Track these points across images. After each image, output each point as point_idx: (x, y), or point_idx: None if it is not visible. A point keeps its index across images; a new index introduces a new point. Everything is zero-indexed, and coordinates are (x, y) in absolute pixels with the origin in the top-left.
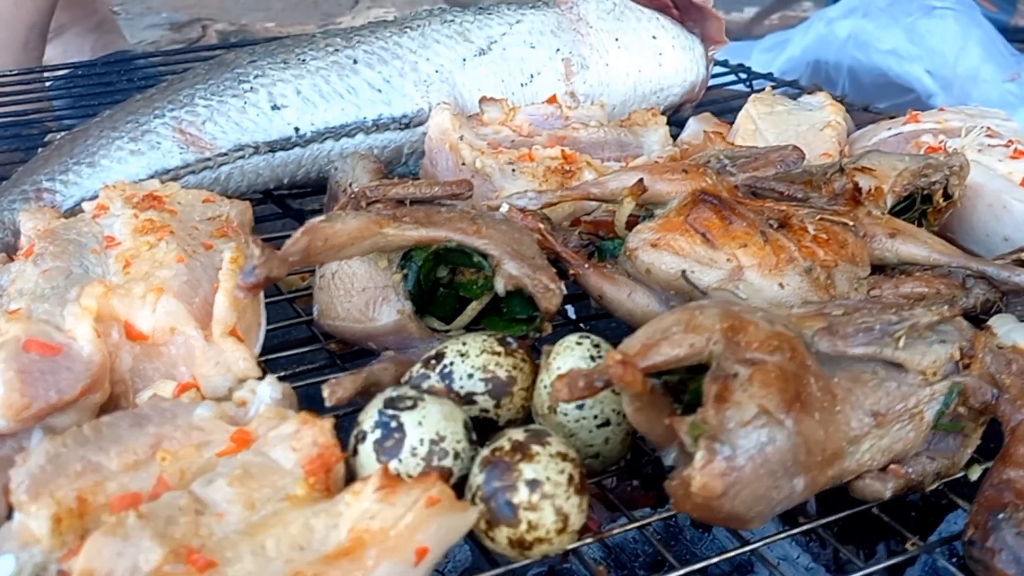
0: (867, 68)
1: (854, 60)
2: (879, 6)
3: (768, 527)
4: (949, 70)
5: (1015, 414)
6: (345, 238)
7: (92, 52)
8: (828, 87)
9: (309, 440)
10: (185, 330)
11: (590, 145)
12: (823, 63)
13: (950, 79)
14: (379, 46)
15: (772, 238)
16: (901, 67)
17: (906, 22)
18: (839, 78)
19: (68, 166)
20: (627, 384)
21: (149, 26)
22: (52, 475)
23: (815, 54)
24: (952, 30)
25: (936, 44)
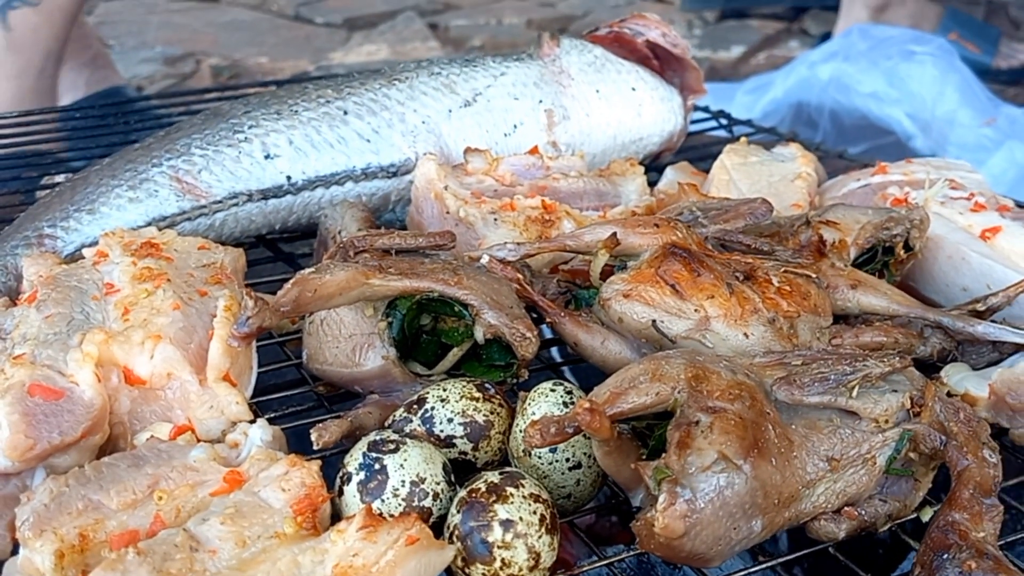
0: (848, 110)
1: (835, 102)
2: (860, 50)
3: (736, 563)
4: (928, 113)
5: (961, 459)
6: (333, 289)
7: (87, 87)
8: (810, 128)
9: (297, 481)
10: (181, 375)
11: (569, 195)
12: (805, 105)
13: (929, 122)
14: (368, 98)
15: (738, 290)
16: (881, 110)
17: (886, 66)
18: (821, 120)
19: (69, 213)
20: (595, 431)
21: (143, 60)
22: (55, 513)
23: (797, 96)
24: (931, 75)
25: (915, 88)
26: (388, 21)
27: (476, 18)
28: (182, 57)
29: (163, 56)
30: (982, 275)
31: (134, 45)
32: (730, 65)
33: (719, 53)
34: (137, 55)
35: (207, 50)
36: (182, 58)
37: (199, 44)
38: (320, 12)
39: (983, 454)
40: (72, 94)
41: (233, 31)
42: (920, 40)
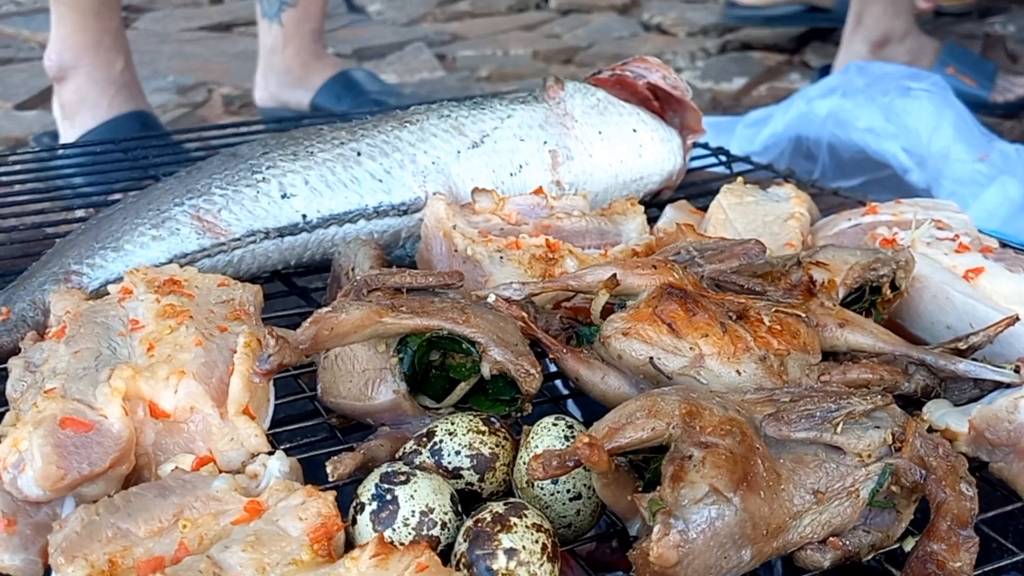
0: (846, 144)
1: (833, 137)
2: (857, 86)
3: None
4: (923, 148)
5: (940, 492)
6: (348, 327)
7: (109, 109)
8: (809, 162)
9: (314, 511)
10: (203, 409)
11: (572, 234)
12: (804, 139)
13: (924, 156)
14: (381, 139)
15: (731, 329)
16: (878, 144)
17: (883, 101)
18: (819, 153)
19: (94, 250)
20: (594, 464)
21: (156, 89)
22: (86, 539)
23: (796, 130)
24: (927, 110)
25: (911, 123)
26: (397, 51)
27: (483, 49)
28: (194, 86)
29: (176, 85)
30: (965, 314)
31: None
32: (732, 96)
33: (721, 84)
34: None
35: (219, 79)
36: (194, 87)
37: (211, 73)
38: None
39: (961, 488)
40: (94, 114)
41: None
42: (917, 77)
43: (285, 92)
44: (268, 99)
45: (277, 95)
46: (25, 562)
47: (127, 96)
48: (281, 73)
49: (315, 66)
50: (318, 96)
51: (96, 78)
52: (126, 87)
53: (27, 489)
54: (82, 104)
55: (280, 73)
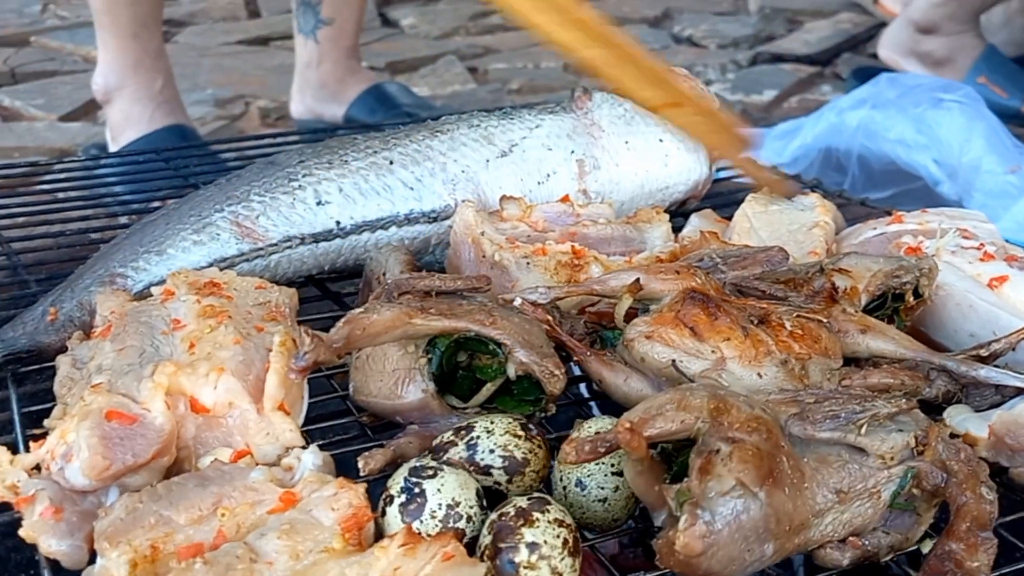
0: (876, 156)
1: (864, 148)
2: (888, 98)
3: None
4: (954, 159)
5: (960, 496)
6: (380, 328)
7: (149, 124)
8: (839, 174)
9: (345, 502)
10: (241, 405)
11: (598, 241)
12: (834, 150)
13: (955, 168)
14: (412, 148)
15: (752, 333)
16: (909, 156)
17: (914, 113)
18: (849, 165)
19: (138, 254)
20: (633, 449)
21: (195, 102)
22: (130, 526)
23: (826, 142)
24: (958, 122)
25: (943, 135)
26: (429, 64)
27: (514, 62)
28: (232, 99)
29: (214, 98)
30: (988, 322)
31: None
32: (762, 108)
33: (751, 96)
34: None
35: (256, 92)
36: (232, 100)
37: (248, 86)
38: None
39: (981, 491)
40: (135, 127)
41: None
42: (948, 88)
43: (320, 105)
44: (304, 112)
45: (312, 108)
46: (71, 548)
47: (167, 111)
48: (316, 88)
49: (349, 80)
50: (352, 109)
51: (138, 96)
52: (167, 103)
53: (74, 479)
54: (126, 122)
55: (315, 88)
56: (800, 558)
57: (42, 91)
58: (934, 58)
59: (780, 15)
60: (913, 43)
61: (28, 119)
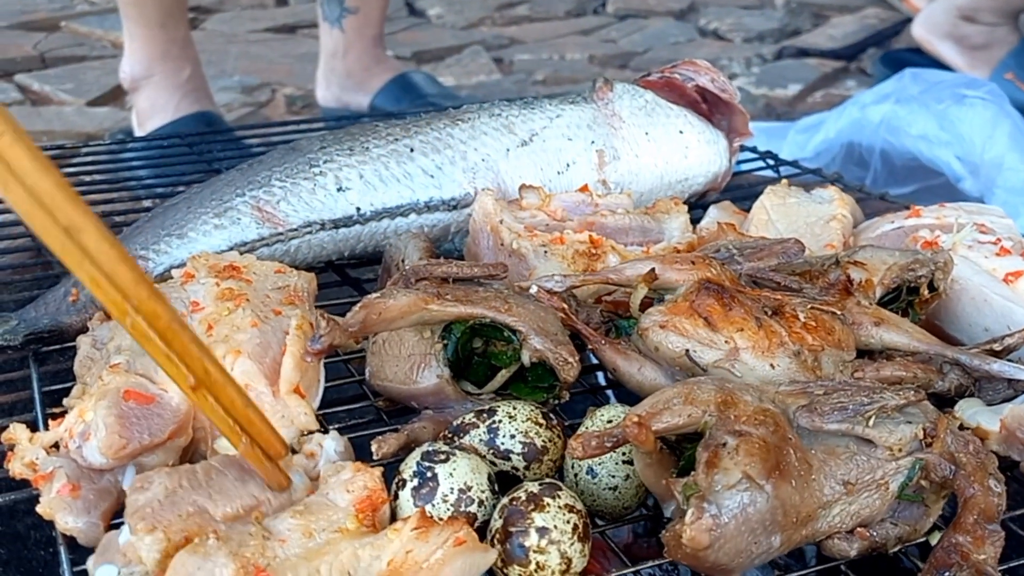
0: (899, 152)
1: (886, 143)
2: (911, 93)
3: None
4: (977, 156)
5: (968, 488)
6: (396, 312)
7: (175, 112)
8: (861, 169)
9: (361, 484)
10: (257, 387)
11: (616, 230)
12: (856, 145)
13: (978, 165)
14: (433, 136)
15: (766, 324)
16: (931, 152)
17: (937, 109)
18: (872, 160)
19: (160, 237)
20: (641, 443)
21: (222, 89)
22: (168, 510)
23: (848, 137)
24: (982, 118)
25: (965, 131)
26: (455, 55)
27: (540, 53)
28: (259, 87)
29: (241, 85)
30: (1003, 316)
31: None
32: (786, 103)
33: (776, 91)
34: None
35: (282, 80)
36: (259, 87)
37: (275, 74)
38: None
39: (989, 483)
40: (162, 115)
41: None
42: (972, 84)
43: (346, 94)
44: (329, 100)
45: (338, 97)
46: (87, 525)
47: (194, 99)
48: (342, 76)
49: (375, 69)
50: (377, 98)
51: (165, 85)
52: (194, 91)
53: (91, 457)
54: (152, 109)
55: (341, 76)
56: (813, 549)
57: (71, 76)
58: (969, 43)
59: (806, 9)
60: (951, 26)
61: (57, 103)
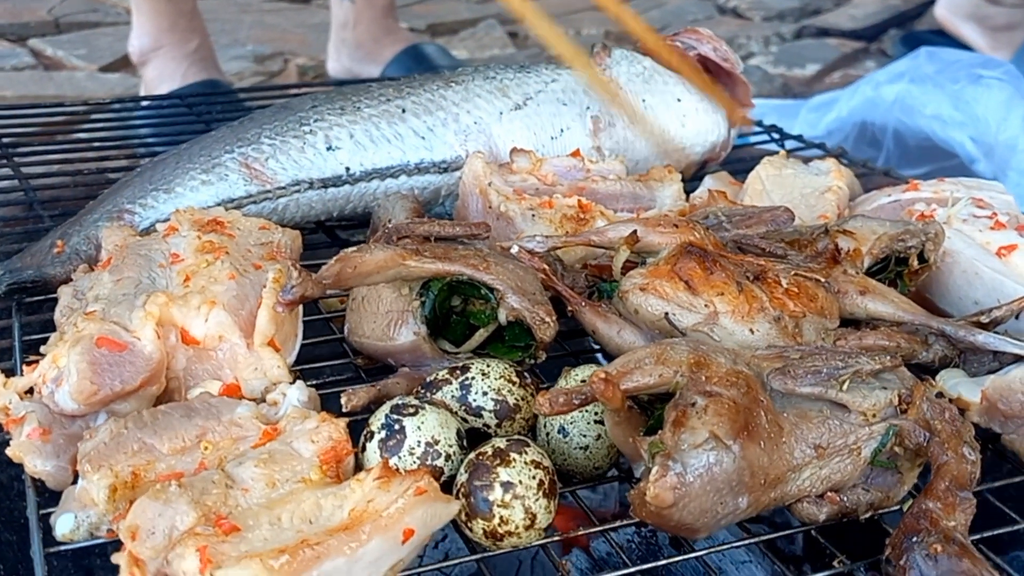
0: (912, 132)
1: (900, 123)
2: (926, 72)
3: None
4: (991, 137)
5: (942, 455)
6: (372, 267)
7: (183, 79)
8: (873, 148)
9: (326, 435)
10: (231, 338)
11: (606, 196)
12: (869, 125)
13: (992, 146)
14: (426, 97)
15: (747, 288)
16: (945, 132)
17: (952, 89)
18: (884, 140)
19: (147, 191)
20: (608, 399)
21: (234, 57)
22: (113, 450)
23: (861, 116)
24: (997, 99)
25: (980, 112)
26: (469, 28)
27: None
28: (271, 56)
29: (253, 54)
30: (993, 290)
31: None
32: (804, 83)
33: (793, 71)
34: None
35: (295, 50)
36: (271, 57)
37: (288, 44)
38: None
39: (963, 451)
40: (169, 84)
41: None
42: (988, 64)
43: (357, 65)
44: (340, 71)
45: (349, 68)
46: (56, 468)
47: (201, 68)
48: (352, 48)
49: (386, 40)
50: (388, 69)
51: (173, 55)
52: (201, 60)
53: (63, 402)
54: (160, 79)
55: (352, 47)
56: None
57: (84, 41)
58: (992, 24)
59: None
60: (974, 7)
61: (69, 68)
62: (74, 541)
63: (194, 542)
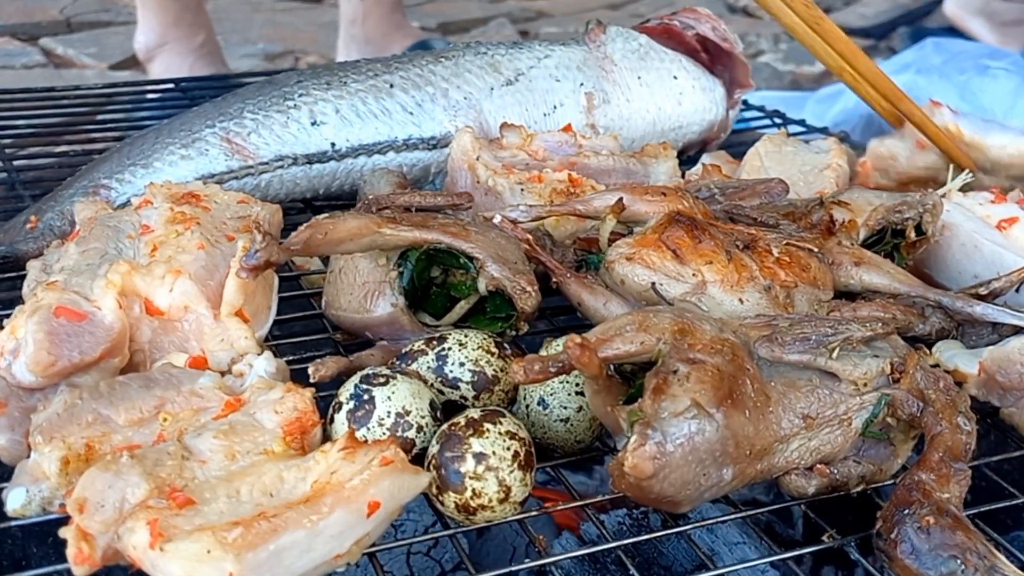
0: None
1: None
2: (933, 63)
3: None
4: None
5: (936, 425)
6: (344, 234)
7: (189, 74)
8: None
9: (291, 405)
10: (197, 309)
11: (598, 172)
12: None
13: None
14: (415, 72)
15: (736, 257)
16: None
17: (959, 80)
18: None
19: (125, 166)
20: (583, 365)
21: (245, 55)
22: (66, 422)
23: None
24: (1004, 89)
25: (987, 102)
26: (480, 27)
27: (567, 26)
28: (282, 54)
29: (264, 52)
30: (993, 263)
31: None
32: (813, 79)
33: (803, 67)
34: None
35: (306, 48)
36: (282, 55)
37: (299, 42)
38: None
39: (958, 421)
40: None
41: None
42: (995, 55)
43: None
44: None
45: None
46: (10, 442)
47: (207, 63)
48: (361, 43)
49: (395, 36)
50: None
51: (178, 50)
52: (207, 55)
53: (20, 374)
54: (166, 74)
55: (360, 43)
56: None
57: (95, 40)
58: (1001, 19)
59: None
60: (984, 3)
61: (80, 67)
62: (26, 516)
63: (145, 515)
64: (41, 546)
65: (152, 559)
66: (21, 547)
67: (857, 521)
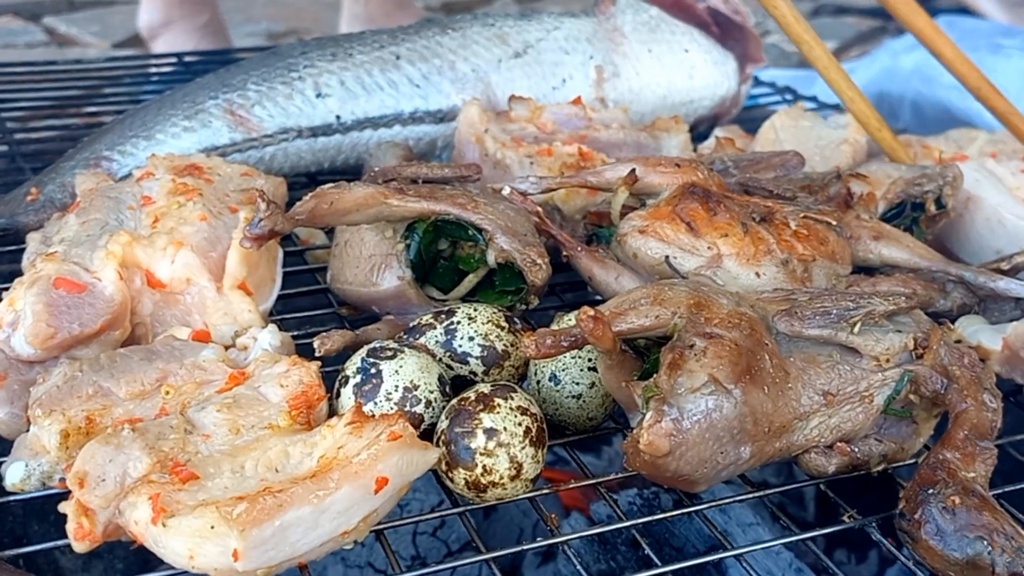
0: (930, 102)
1: (917, 93)
2: None
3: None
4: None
5: (960, 403)
6: (350, 204)
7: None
8: (891, 119)
9: (296, 379)
10: (199, 281)
11: (608, 145)
12: (887, 95)
13: None
14: (421, 44)
15: (753, 230)
16: (964, 102)
17: (972, 58)
18: (902, 110)
19: (126, 138)
20: (597, 339)
21: (248, 34)
22: (66, 394)
23: (879, 86)
24: (1017, 68)
25: (1000, 81)
26: (484, 7)
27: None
28: (284, 33)
29: (267, 31)
30: (1017, 238)
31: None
32: None
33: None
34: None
35: (309, 27)
36: (284, 34)
37: (302, 21)
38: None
39: (983, 398)
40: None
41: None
42: (1008, 33)
43: None
44: None
45: None
46: (8, 415)
47: (212, 42)
48: (365, 22)
49: (397, 15)
50: None
51: (183, 28)
52: (212, 34)
53: (19, 347)
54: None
55: (363, 22)
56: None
57: (98, 19)
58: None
59: None
60: None
61: (82, 45)
62: (25, 491)
63: (147, 490)
64: (42, 523)
65: (154, 535)
66: (22, 524)
67: (871, 503)
